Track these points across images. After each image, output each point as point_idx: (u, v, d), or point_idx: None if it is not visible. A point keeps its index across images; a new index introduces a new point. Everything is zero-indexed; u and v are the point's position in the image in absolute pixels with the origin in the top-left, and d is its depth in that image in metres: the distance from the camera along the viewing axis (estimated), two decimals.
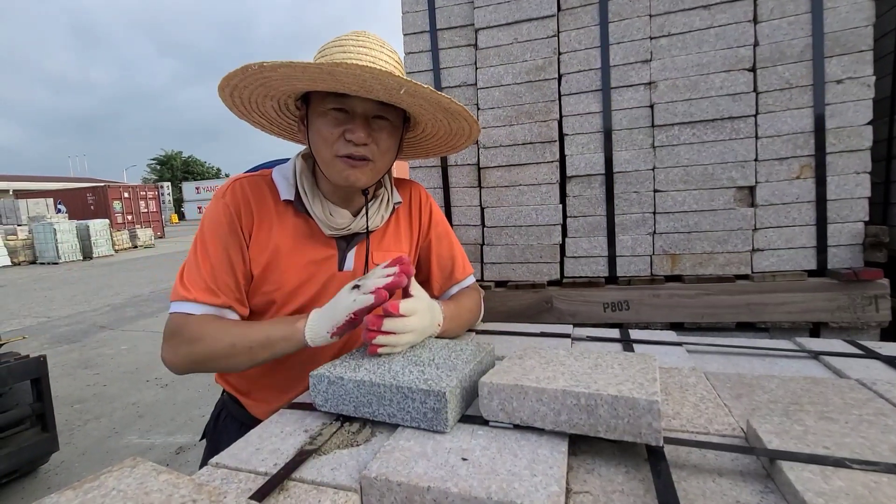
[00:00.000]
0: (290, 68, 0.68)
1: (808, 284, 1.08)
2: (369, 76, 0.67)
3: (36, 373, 2.20)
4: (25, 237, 13.20)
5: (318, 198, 0.86)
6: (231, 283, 0.82)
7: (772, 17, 1.07)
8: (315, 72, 0.68)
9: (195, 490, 0.38)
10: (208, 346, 0.75)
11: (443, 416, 0.55)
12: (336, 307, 0.71)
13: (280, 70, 0.69)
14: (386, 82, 0.69)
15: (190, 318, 0.78)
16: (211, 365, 0.79)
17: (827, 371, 0.76)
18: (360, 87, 0.72)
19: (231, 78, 0.73)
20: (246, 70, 0.70)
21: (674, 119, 1.14)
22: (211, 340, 0.75)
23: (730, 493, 0.45)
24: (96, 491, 0.39)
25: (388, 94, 0.73)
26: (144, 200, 21.66)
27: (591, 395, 0.51)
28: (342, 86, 0.72)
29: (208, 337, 0.75)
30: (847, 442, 0.49)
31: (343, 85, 0.72)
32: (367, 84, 0.70)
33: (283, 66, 0.67)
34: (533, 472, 0.46)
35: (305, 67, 0.67)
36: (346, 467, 0.51)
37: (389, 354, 0.69)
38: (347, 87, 0.72)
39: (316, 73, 0.69)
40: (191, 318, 0.78)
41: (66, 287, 8.61)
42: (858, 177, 1.05)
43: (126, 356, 4.41)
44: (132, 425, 3.00)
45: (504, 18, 1.22)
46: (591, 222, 1.22)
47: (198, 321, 0.77)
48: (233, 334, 0.76)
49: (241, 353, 0.75)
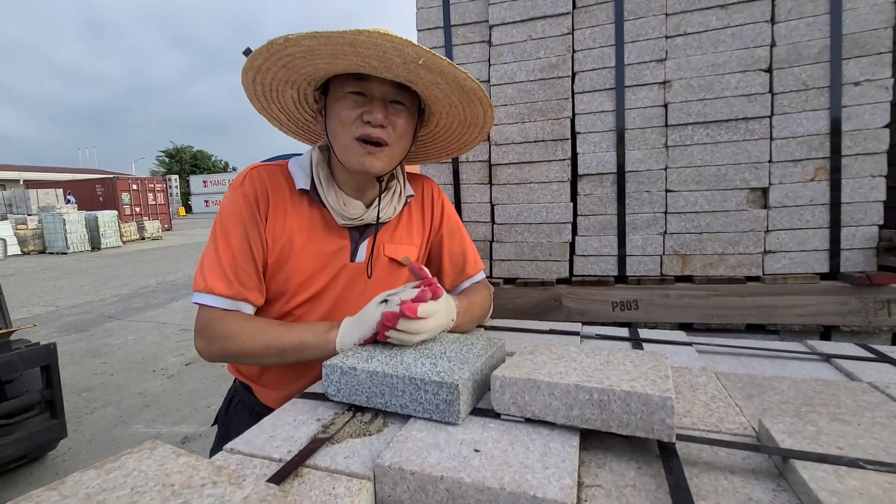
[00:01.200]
0: (314, 39, 0.69)
1: (819, 287, 1.07)
2: (390, 46, 0.69)
3: (46, 360, 2.23)
4: (35, 227, 13.34)
5: (332, 188, 0.87)
6: (252, 272, 0.83)
7: (790, 18, 1.06)
8: (338, 41, 0.69)
9: (215, 472, 0.39)
10: (242, 344, 0.79)
11: (455, 407, 0.55)
12: (364, 320, 0.73)
13: (304, 42, 0.70)
14: (405, 52, 0.70)
15: (220, 314, 0.81)
16: (242, 360, 0.83)
17: (838, 374, 0.76)
18: (380, 62, 0.73)
19: (255, 58, 0.74)
20: (271, 46, 0.71)
21: (687, 119, 1.13)
22: (246, 339, 0.79)
23: (742, 490, 0.45)
24: (118, 471, 0.39)
25: (406, 69, 0.74)
26: (153, 193, 21.81)
27: (604, 390, 0.52)
28: (362, 60, 0.73)
29: (243, 335, 0.79)
30: (860, 443, 0.49)
31: (363, 59, 0.73)
32: (387, 56, 0.71)
33: (306, 37, 0.69)
34: (545, 465, 0.47)
35: (328, 37, 0.68)
36: (359, 456, 0.51)
37: (401, 346, 0.70)
38: (367, 62, 0.73)
39: (338, 45, 0.70)
40: (221, 314, 0.81)
41: (74, 277, 8.70)
42: (874, 180, 1.04)
43: (133, 346, 4.46)
44: (138, 414, 3.04)
45: (518, 15, 1.22)
46: (601, 221, 1.22)
47: (231, 319, 0.80)
48: (267, 336, 0.79)
49: (273, 354, 0.79)
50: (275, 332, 0.79)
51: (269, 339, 0.78)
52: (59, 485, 0.37)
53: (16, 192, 18.38)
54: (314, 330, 0.78)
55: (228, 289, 0.80)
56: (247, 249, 0.83)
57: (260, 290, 0.85)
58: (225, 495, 0.35)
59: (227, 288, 0.80)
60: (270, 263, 0.86)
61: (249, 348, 0.78)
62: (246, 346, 0.78)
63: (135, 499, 0.35)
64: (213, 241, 0.83)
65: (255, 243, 0.83)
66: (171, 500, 0.35)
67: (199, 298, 0.81)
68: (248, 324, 0.80)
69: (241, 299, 0.82)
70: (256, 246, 0.84)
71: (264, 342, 0.78)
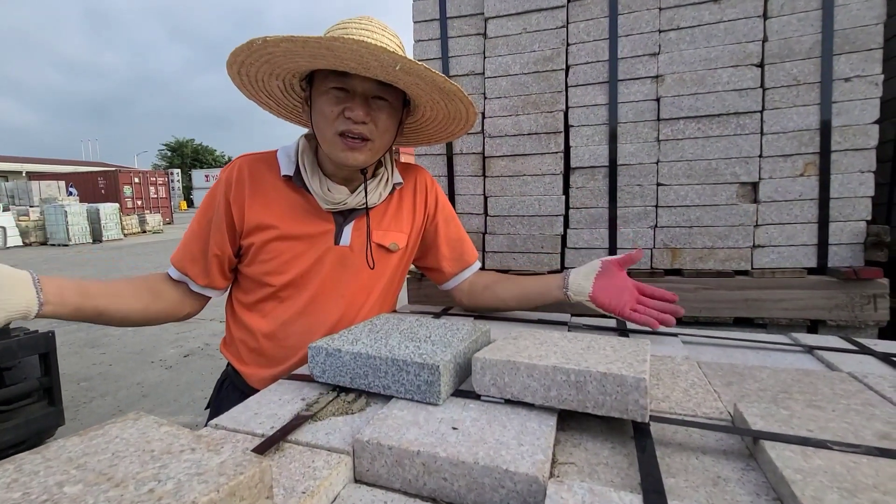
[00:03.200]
0: (291, 43, 0.71)
1: (807, 282, 1.08)
2: (366, 52, 0.70)
3: (44, 348, 2.25)
4: (37, 218, 13.37)
5: (317, 174, 0.90)
6: (197, 253, 0.90)
7: (782, 13, 1.07)
8: (314, 46, 0.71)
9: (194, 440, 0.40)
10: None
11: (436, 388, 0.56)
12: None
13: (282, 45, 0.72)
14: (382, 58, 0.71)
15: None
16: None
17: (820, 364, 0.77)
18: (358, 64, 0.74)
19: (237, 54, 0.77)
20: (251, 45, 0.73)
21: (679, 113, 1.14)
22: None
23: (711, 468, 0.47)
24: (101, 438, 0.41)
25: (384, 71, 0.75)
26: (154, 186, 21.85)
27: (581, 371, 0.53)
28: (340, 62, 0.75)
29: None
30: (831, 427, 0.50)
31: (341, 61, 0.74)
32: (365, 60, 0.73)
33: (284, 40, 0.70)
34: (520, 442, 0.48)
35: (306, 41, 0.70)
36: (340, 432, 0.53)
37: (386, 330, 0.71)
38: (346, 63, 0.75)
39: (315, 48, 0.72)
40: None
41: (75, 269, 8.73)
42: (863, 175, 1.05)
43: (132, 337, 4.48)
44: (136, 404, 3.06)
45: (514, 8, 1.23)
46: (593, 214, 1.23)
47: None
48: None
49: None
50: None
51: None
52: (42, 449, 0.38)
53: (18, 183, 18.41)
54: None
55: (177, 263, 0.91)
56: (203, 233, 0.90)
57: (205, 272, 0.91)
58: (202, 460, 0.37)
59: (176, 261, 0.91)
60: (254, 247, 0.89)
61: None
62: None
63: (115, 462, 0.36)
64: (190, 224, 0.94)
65: (215, 228, 0.89)
66: (149, 464, 0.36)
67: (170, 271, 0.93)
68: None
69: (183, 272, 0.91)
70: (216, 231, 0.89)
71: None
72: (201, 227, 0.90)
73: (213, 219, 0.89)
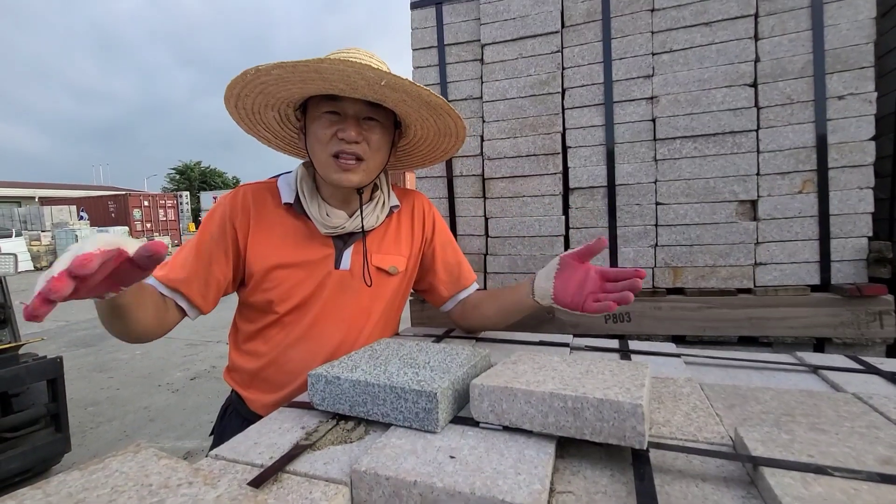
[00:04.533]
0: (282, 69, 0.74)
1: (811, 299, 1.07)
2: (352, 70, 0.73)
3: (52, 373, 2.26)
4: (48, 243, 13.58)
5: (315, 200, 0.92)
6: (199, 275, 0.87)
7: (773, 35, 1.09)
8: (303, 70, 0.75)
9: (192, 474, 0.41)
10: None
11: (434, 416, 0.56)
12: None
13: (274, 72, 0.75)
14: (368, 76, 0.74)
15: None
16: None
17: (824, 385, 0.76)
18: (346, 85, 0.78)
19: (233, 87, 0.80)
20: (245, 76, 0.77)
21: (675, 133, 1.15)
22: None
23: (711, 497, 0.46)
24: (101, 472, 0.41)
25: (371, 89, 0.79)
26: (164, 209, 22.16)
27: (578, 397, 0.53)
28: (329, 84, 0.78)
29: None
30: (832, 451, 0.49)
31: (330, 83, 0.78)
32: (352, 80, 0.76)
33: (275, 67, 0.74)
34: (518, 471, 0.48)
35: (295, 66, 0.73)
36: (338, 462, 0.53)
37: (386, 356, 0.71)
38: (335, 85, 0.78)
39: (304, 73, 0.75)
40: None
41: None
42: (861, 192, 1.05)
43: (140, 361, 4.50)
44: (143, 429, 3.05)
45: (509, 35, 1.26)
46: (593, 234, 1.23)
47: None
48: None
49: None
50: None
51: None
52: (43, 484, 0.39)
53: (31, 208, 18.78)
54: None
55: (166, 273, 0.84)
56: (205, 255, 0.88)
57: (202, 293, 0.87)
58: (198, 495, 0.37)
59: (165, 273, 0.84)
60: (255, 274, 0.90)
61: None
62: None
63: (114, 497, 0.37)
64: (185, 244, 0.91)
65: (216, 251, 0.89)
66: (147, 498, 0.37)
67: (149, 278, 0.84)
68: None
69: (174, 289, 0.85)
70: (217, 254, 0.89)
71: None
72: (204, 248, 0.89)
73: (217, 243, 0.89)
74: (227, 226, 0.90)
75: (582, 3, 1.20)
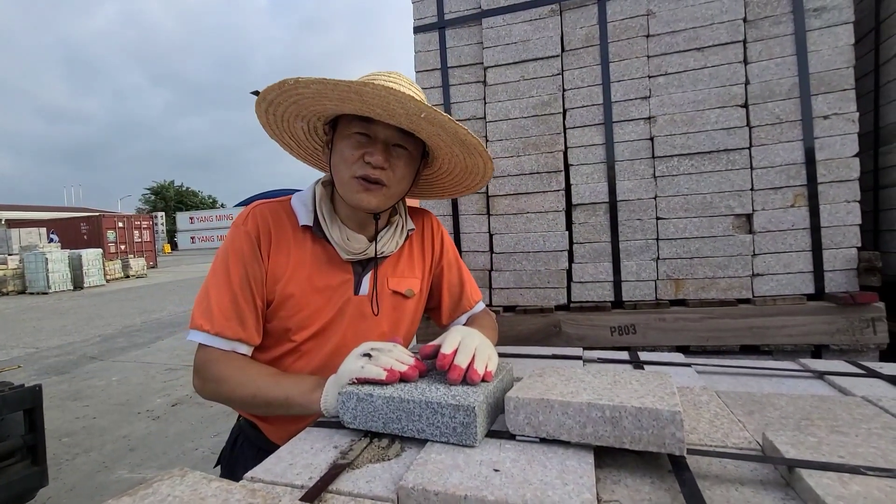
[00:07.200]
0: (323, 84, 0.73)
1: (807, 308, 1.12)
2: (393, 99, 0.72)
3: (30, 403, 2.15)
4: (16, 266, 13.04)
5: (336, 223, 0.89)
6: (250, 312, 0.84)
7: (760, 59, 1.16)
8: (344, 90, 0.73)
9: (249, 494, 0.40)
10: (232, 390, 0.79)
11: (472, 430, 0.57)
12: (342, 374, 0.70)
13: (313, 87, 0.74)
14: (408, 106, 0.73)
15: (216, 354, 0.81)
16: (232, 405, 0.83)
17: (832, 389, 0.79)
18: (384, 111, 0.76)
19: (268, 93, 0.78)
20: (283, 85, 0.75)
21: (673, 151, 1.20)
22: (235, 385, 0.79)
23: (753, 499, 0.47)
24: (152, 497, 0.40)
25: (409, 119, 0.77)
26: (139, 230, 21.59)
27: (616, 407, 0.54)
28: (367, 107, 0.76)
29: (234, 382, 0.79)
30: (860, 452, 0.51)
31: (368, 107, 0.76)
32: (391, 107, 0.75)
33: (315, 82, 0.72)
34: (564, 482, 0.48)
35: (336, 84, 0.72)
36: (380, 480, 0.52)
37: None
38: (372, 109, 0.76)
39: (344, 92, 0.74)
40: (217, 355, 0.81)
41: (55, 317, 8.46)
42: (849, 205, 1.11)
43: (117, 388, 4.31)
44: (123, 459, 2.91)
45: (511, 58, 1.30)
46: (596, 248, 1.27)
47: (226, 362, 0.81)
48: (256, 386, 0.78)
49: (261, 405, 0.79)
50: (263, 384, 0.78)
51: (256, 389, 0.78)
52: None
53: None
54: (300, 387, 0.76)
55: (225, 329, 0.81)
56: (247, 289, 0.83)
57: (257, 330, 0.85)
58: None
59: (223, 328, 0.81)
60: (274, 300, 0.86)
61: (239, 395, 0.78)
62: (235, 392, 0.78)
63: None
64: (215, 279, 0.84)
65: (255, 283, 0.84)
66: None
67: (195, 336, 0.81)
68: (241, 371, 0.80)
69: (237, 339, 0.82)
70: (257, 285, 0.84)
71: (252, 392, 0.78)
72: (240, 283, 0.83)
73: (256, 275, 0.84)
74: (255, 252, 0.85)
75: (580, 28, 1.26)
